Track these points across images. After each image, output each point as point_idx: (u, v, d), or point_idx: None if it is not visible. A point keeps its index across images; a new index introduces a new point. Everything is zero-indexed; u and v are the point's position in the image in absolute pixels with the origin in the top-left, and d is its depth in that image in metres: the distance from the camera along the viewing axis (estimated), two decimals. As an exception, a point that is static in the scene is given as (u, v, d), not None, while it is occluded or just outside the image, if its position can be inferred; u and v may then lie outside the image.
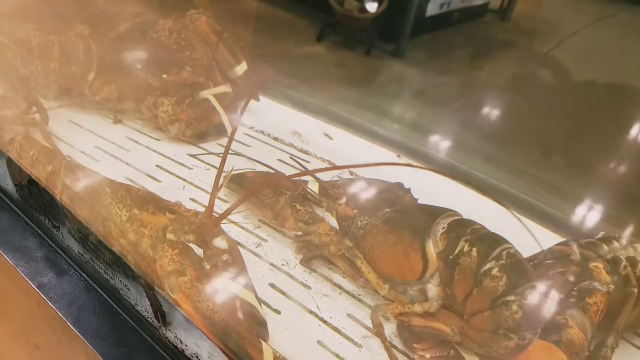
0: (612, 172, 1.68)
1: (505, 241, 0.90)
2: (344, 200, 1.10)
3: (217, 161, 1.32)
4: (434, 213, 0.97)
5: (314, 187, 1.20)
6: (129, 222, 0.87)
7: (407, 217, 0.99)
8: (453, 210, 0.98)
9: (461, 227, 0.93)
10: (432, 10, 2.77)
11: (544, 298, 0.86)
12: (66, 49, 1.30)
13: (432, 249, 0.93)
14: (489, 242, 0.89)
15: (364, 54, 2.74)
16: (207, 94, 1.45)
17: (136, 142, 1.32)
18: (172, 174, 1.24)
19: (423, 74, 2.65)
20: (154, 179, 1.21)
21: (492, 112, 2.10)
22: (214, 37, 1.51)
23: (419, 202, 1.10)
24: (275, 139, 1.48)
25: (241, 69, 1.54)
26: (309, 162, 1.40)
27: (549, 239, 1.17)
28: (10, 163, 1.03)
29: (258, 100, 1.60)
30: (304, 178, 1.21)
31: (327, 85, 2.02)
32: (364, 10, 2.40)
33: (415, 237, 0.94)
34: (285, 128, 1.54)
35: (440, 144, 1.68)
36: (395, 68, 2.79)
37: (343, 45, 2.78)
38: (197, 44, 1.47)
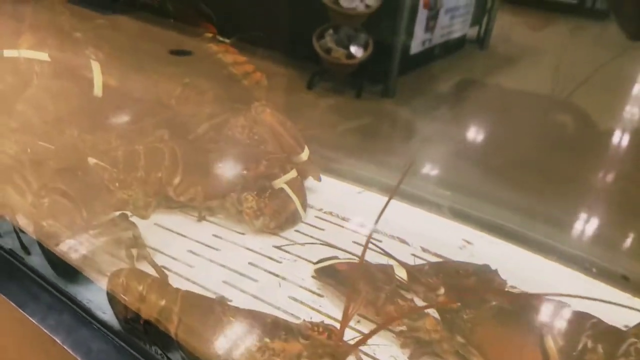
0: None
1: (628, 334, 0.85)
2: (442, 291, 1.05)
3: (301, 250, 1.28)
4: (547, 304, 0.93)
5: (401, 273, 1.16)
6: (259, 352, 0.81)
7: (519, 310, 0.95)
8: (563, 302, 0.94)
9: (579, 320, 0.88)
10: (415, 47, 2.78)
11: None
12: (152, 156, 1.26)
13: (552, 344, 0.88)
14: (613, 337, 0.84)
15: (354, 97, 2.73)
16: (280, 182, 1.41)
17: (223, 239, 1.28)
18: (265, 270, 1.20)
19: (427, 116, 2.61)
20: (250, 278, 1.17)
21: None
22: (279, 127, 1.48)
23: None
24: (344, 219, 1.44)
25: (305, 154, 1.51)
26: (381, 241, 1.36)
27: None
28: (112, 299, 0.97)
29: (319, 180, 1.57)
30: (388, 261, 1.17)
31: (350, 144, 1.97)
32: (351, 56, 2.40)
33: (531, 332, 0.89)
34: (348, 205, 1.50)
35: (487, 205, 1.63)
36: (396, 111, 2.76)
37: (333, 90, 2.77)
38: (267, 135, 1.45)
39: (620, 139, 2.20)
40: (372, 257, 1.31)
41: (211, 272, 1.17)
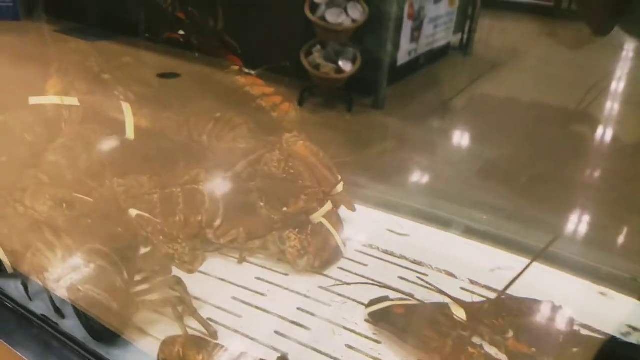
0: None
1: None
2: (510, 334, 0.96)
3: (349, 290, 1.18)
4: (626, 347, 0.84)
5: (458, 312, 1.06)
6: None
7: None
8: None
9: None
10: (401, 58, 2.73)
11: None
12: (191, 199, 1.17)
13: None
14: None
15: (345, 111, 2.65)
16: (318, 216, 1.32)
17: (268, 282, 1.18)
18: (315, 316, 1.10)
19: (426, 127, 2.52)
20: (302, 326, 1.07)
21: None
22: (313, 159, 1.39)
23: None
24: (385, 252, 1.34)
25: (340, 185, 1.42)
26: (426, 275, 1.27)
27: None
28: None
29: (354, 210, 1.47)
30: (441, 299, 1.07)
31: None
32: (340, 70, 2.32)
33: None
34: (385, 236, 1.41)
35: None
36: (391, 124, 2.69)
37: (323, 105, 2.72)
38: (302, 168, 1.36)
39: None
40: (422, 294, 1.23)
41: (260, 322, 1.07)
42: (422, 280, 1.21)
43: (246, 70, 1.45)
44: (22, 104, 1.19)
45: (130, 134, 1.17)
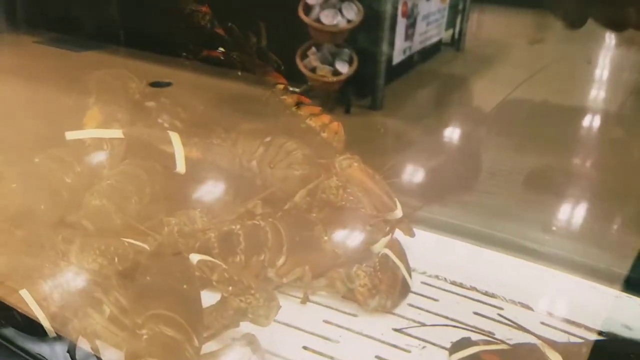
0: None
1: None
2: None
3: (426, 331, 1.05)
4: None
5: (553, 356, 0.93)
6: None
7: None
8: None
9: None
10: (396, 57, 2.65)
11: None
12: (253, 237, 1.03)
13: None
14: None
15: (344, 113, 2.54)
16: (380, 247, 1.18)
17: (337, 325, 1.05)
18: (397, 366, 0.96)
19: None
20: (385, 378, 0.93)
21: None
22: (370, 183, 1.26)
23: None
24: (454, 283, 1.21)
25: (399, 210, 1.28)
26: (502, 309, 1.14)
27: None
28: None
29: (413, 235, 1.34)
30: (525, 337, 0.94)
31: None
32: (336, 72, 2.20)
33: None
34: (449, 263, 1.28)
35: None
36: (395, 125, 2.58)
37: (321, 108, 2.62)
38: (361, 193, 1.22)
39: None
40: (502, 332, 1.10)
41: (338, 377, 0.94)
42: (501, 316, 1.09)
43: (291, 89, 1.32)
44: (57, 139, 1.03)
45: (181, 167, 1.04)
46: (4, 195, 0.99)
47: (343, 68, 2.24)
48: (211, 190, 1.12)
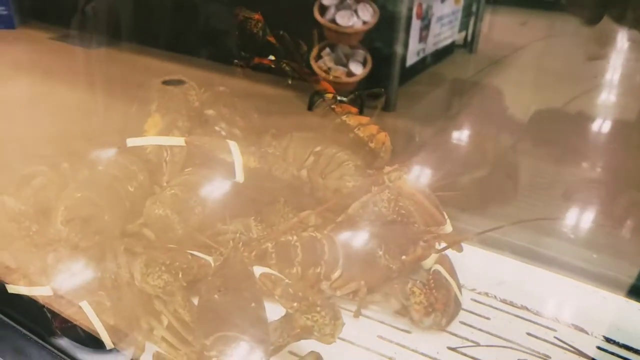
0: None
1: None
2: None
3: (480, 351, 1.03)
4: None
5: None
6: None
7: None
8: None
9: None
10: (410, 59, 2.63)
11: None
12: (310, 249, 1.02)
13: None
14: None
15: (357, 114, 2.54)
16: (431, 263, 1.17)
17: (392, 342, 1.03)
18: (456, 385, 0.95)
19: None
20: (445, 399, 0.92)
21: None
22: (420, 196, 1.24)
23: None
24: (504, 302, 1.19)
25: (449, 225, 1.27)
26: (555, 330, 1.12)
27: None
28: None
29: (461, 251, 1.32)
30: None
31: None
32: (350, 73, 2.17)
33: None
34: (497, 279, 1.25)
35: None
36: (411, 127, 2.53)
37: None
38: (412, 207, 1.20)
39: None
40: (557, 355, 1.08)
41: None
42: (557, 339, 1.07)
43: (339, 98, 1.30)
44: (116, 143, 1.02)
45: (240, 176, 1.03)
46: (70, 206, 0.97)
47: (357, 69, 2.22)
48: (265, 199, 1.11)
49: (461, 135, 2.38)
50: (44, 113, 2.29)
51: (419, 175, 1.42)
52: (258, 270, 0.87)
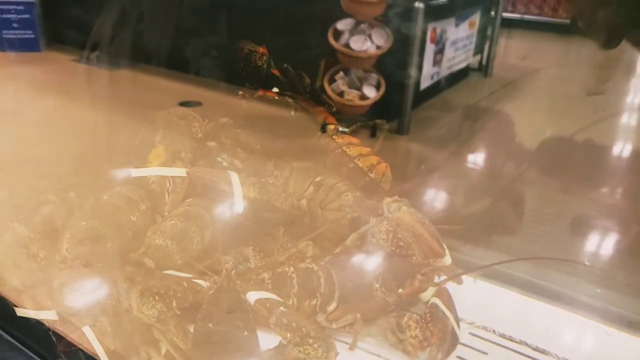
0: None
1: None
2: None
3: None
4: None
5: None
6: None
7: None
8: None
9: None
10: (424, 83, 2.66)
11: None
12: (306, 281, 1.04)
13: None
14: None
15: (370, 137, 2.55)
16: (429, 296, 1.18)
17: (387, 375, 1.04)
18: None
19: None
20: None
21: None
22: (420, 228, 1.26)
23: None
24: (503, 336, 1.20)
25: (448, 257, 1.29)
26: (554, 367, 1.12)
27: None
28: None
29: (461, 283, 1.33)
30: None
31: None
32: (364, 97, 2.20)
33: None
34: (497, 313, 1.26)
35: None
36: (420, 151, 2.55)
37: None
38: (411, 239, 1.23)
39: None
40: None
41: None
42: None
43: (340, 129, 1.35)
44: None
45: (239, 207, 1.07)
46: (75, 233, 1.02)
47: (370, 93, 2.27)
48: (264, 229, 1.15)
49: (471, 162, 2.41)
50: (63, 133, 2.39)
51: (422, 203, 1.45)
52: (253, 296, 0.90)
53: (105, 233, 1.00)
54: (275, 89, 1.34)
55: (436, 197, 1.80)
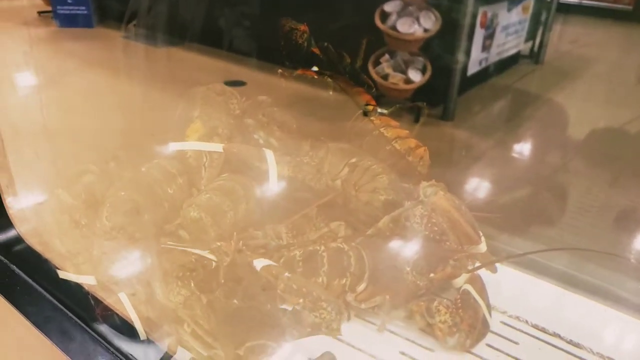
0: None
1: None
2: None
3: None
4: None
5: None
6: None
7: None
8: None
9: None
10: (472, 68, 2.58)
11: None
12: (337, 260, 1.06)
13: None
14: None
15: (413, 122, 2.50)
16: (461, 282, 1.18)
17: (413, 358, 1.06)
18: (477, 409, 0.96)
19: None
20: (463, 421, 0.93)
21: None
22: (455, 214, 1.25)
23: None
24: (536, 327, 1.18)
25: (484, 245, 1.27)
26: (592, 363, 1.10)
27: None
28: None
29: (496, 272, 1.32)
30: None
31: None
32: (409, 80, 2.14)
33: None
34: (531, 304, 1.24)
35: None
36: (465, 137, 2.47)
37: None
38: (446, 225, 1.21)
39: None
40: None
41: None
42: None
43: (379, 110, 1.34)
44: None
45: (273, 184, 1.09)
46: (114, 203, 1.06)
47: (416, 77, 2.23)
48: (297, 208, 1.17)
49: (516, 151, 2.35)
50: (109, 107, 2.48)
51: (462, 190, 1.43)
52: (259, 263, 0.92)
53: (143, 204, 1.04)
54: (315, 68, 1.35)
55: (476, 185, 1.77)
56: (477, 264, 1.22)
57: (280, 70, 1.35)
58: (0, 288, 1.07)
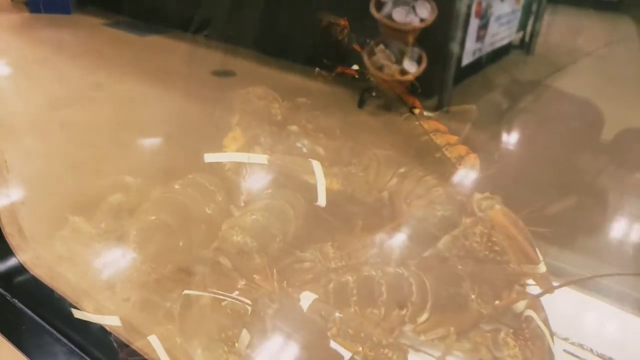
0: None
1: None
2: None
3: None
4: None
5: None
6: None
7: None
8: None
9: None
10: (466, 58, 2.57)
11: None
12: (396, 288, 0.94)
13: None
14: None
15: (407, 112, 2.47)
16: (522, 307, 1.08)
17: (480, 396, 0.95)
18: None
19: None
20: None
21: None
22: (513, 230, 1.15)
23: None
24: (602, 357, 1.09)
25: (543, 265, 1.17)
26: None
27: None
28: None
29: (553, 292, 1.22)
30: None
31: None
32: (404, 72, 2.06)
33: None
34: (594, 330, 1.15)
35: None
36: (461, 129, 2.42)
37: (385, 107, 2.55)
38: (506, 243, 1.11)
39: None
40: None
41: None
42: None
43: (425, 113, 1.23)
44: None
45: (322, 200, 0.97)
46: (143, 230, 0.92)
47: (411, 67, 2.15)
48: (345, 223, 1.05)
49: (517, 144, 2.26)
50: (96, 99, 2.35)
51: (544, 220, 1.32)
52: (307, 297, 0.80)
53: (177, 228, 0.91)
54: (356, 67, 1.23)
55: (489, 183, 1.67)
56: (535, 286, 1.13)
57: (318, 69, 1.22)
58: (1, 327, 0.93)
